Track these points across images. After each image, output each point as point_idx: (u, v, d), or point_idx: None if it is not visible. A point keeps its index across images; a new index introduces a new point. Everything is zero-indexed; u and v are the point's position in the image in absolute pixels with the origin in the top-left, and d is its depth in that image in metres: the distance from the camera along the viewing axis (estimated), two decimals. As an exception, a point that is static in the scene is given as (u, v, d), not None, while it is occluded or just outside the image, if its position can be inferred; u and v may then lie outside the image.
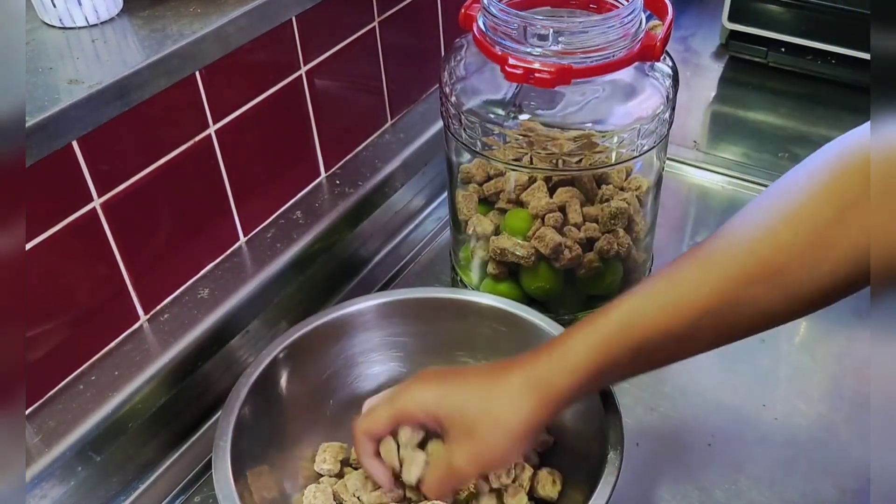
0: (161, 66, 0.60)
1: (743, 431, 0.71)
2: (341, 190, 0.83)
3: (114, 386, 0.64)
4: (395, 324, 0.69)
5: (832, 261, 0.48)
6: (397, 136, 0.90)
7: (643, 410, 0.73)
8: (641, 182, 0.73)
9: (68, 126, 0.56)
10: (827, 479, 0.67)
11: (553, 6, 0.71)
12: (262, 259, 0.75)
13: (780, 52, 1.11)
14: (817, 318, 0.80)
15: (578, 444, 0.63)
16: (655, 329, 0.52)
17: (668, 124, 0.70)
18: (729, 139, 1.05)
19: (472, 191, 0.75)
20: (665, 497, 0.67)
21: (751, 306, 0.50)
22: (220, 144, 0.69)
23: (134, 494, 0.67)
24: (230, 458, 0.56)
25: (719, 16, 1.13)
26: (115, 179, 0.62)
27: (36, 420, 0.61)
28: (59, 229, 0.59)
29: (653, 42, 0.65)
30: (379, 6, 0.82)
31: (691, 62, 1.18)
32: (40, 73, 0.57)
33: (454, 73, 0.70)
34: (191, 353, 0.68)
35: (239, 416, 0.59)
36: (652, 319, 0.52)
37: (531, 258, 0.71)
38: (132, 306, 0.67)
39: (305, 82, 0.76)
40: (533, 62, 0.62)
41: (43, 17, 0.62)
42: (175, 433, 0.70)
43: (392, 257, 0.90)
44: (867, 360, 0.76)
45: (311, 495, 0.62)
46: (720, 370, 0.76)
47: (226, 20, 0.64)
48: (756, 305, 0.50)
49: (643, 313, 0.52)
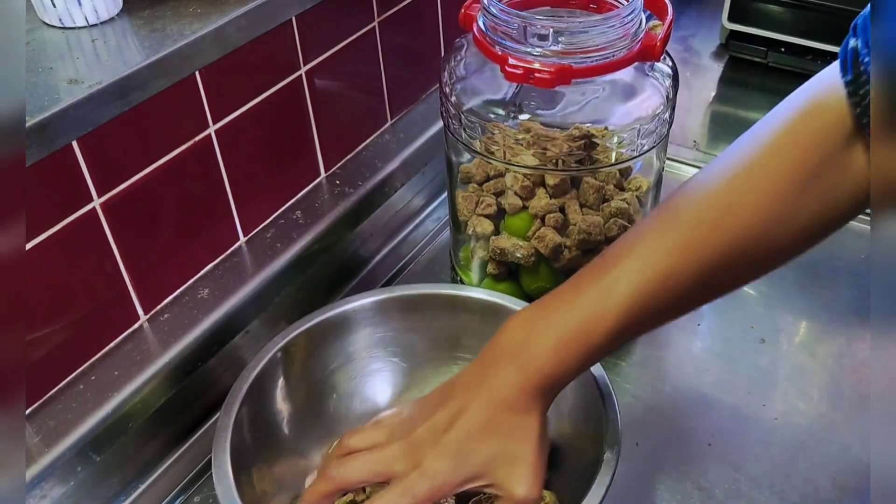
0: (161, 66, 0.60)
1: (743, 431, 0.71)
2: (341, 190, 0.83)
3: (114, 386, 0.64)
4: (396, 320, 0.69)
5: (792, 232, 0.50)
6: (397, 136, 0.90)
7: (643, 410, 0.73)
8: (641, 182, 0.73)
9: (68, 126, 0.56)
10: (827, 479, 0.67)
11: (553, 6, 0.71)
12: (262, 259, 0.75)
13: (780, 52, 1.11)
14: (817, 319, 0.81)
15: (575, 444, 0.63)
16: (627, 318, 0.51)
17: (667, 124, 0.70)
18: (729, 139, 1.04)
19: (472, 191, 0.75)
20: (665, 497, 0.67)
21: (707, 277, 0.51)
22: (220, 144, 0.69)
23: (134, 494, 0.67)
24: (230, 455, 0.56)
25: (719, 16, 1.13)
26: (115, 179, 0.62)
27: (36, 420, 0.61)
28: (59, 229, 0.59)
29: (653, 42, 0.65)
30: (379, 6, 0.82)
31: (691, 62, 1.18)
32: (40, 73, 0.57)
33: (454, 73, 0.70)
34: (191, 353, 0.68)
35: (239, 413, 0.59)
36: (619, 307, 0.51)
37: (531, 258, 0.71)
38: (132, 306, 0.67)
39: (305, 82, 0.76)
40: (533, 62, 0.62)
41: (43, 17, 0.62)
42: (175, 433, 0.70)
43: (392, 257, 0.90)
44: (867, 360, 0.76)
45: None
46: (720, 370, 0.76)
47: (226, 20, 0.64)
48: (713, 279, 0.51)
49: (605, 307, 0.51)
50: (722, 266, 0.51)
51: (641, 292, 0.51)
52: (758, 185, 0.50)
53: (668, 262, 0.51)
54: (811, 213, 0.50)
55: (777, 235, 0.50)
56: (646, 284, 0.51)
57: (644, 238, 0.53)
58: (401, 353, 0.70)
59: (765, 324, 0.81)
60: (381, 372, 0.70)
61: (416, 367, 0.70)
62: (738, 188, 0.50)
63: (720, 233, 0.50)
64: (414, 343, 0.70)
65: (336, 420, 0.67)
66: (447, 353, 0.70)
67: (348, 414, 0.68)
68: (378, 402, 0.70)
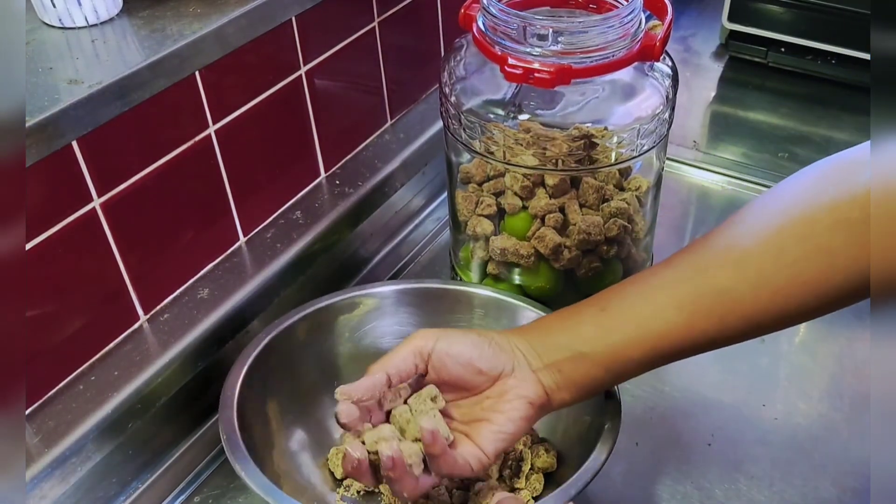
0: (161, 66, 0.60)
1: (743, 431, 0.71)
2: (341, 190, 0.83)
3: (114, 386, 0.64)
4: (405, 311, 0.70)
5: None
6: (397, 136, 0.90)
7: (643, 410, 0.73)
8: (641, 182, 0.73)
9: (68, 126, 0.56)
10: (827, 479, 0.67)
11: (553, 6, 0.71)
12: (262, 259, 0.75)
13: (780, 52, 1.11)
14: (817, 319, 0.81)
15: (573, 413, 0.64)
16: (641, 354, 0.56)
17: (667, 124, 0.70)
18: (729, 139, 1.05)
19: (472, 191, 0.75)
20: (665, 497, 0.67)
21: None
22: (220, 144, 0.69)
23: (134, 494, 0.67)
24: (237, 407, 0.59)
25: (719, 16, 1.13)
26: (115, 179, 0.62)
27: (36, 420, 0.61)
28: (59, 229, 0.59)
29: (652, 42, 0.65)
30: (379, 6, 0.82)
31: (691, 62, 1.18)
32: (40, 73, 0.57)
33: (454, 73, 0.70)
34: (191, 353, 0.68)
35: (243, 384, 0.61)
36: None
37: (531, 258, 0.71)
38: (132, 306, 0.67)
39: (305, 82, 0.76)
40: (532, 62, 0.62)
41: (43, 17, 0.62)
42: (175, 433, 0.70)
43: (392, 257, 0.90)
44: (867, 360, 0.76)
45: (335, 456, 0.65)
46: (720, 370, 0.76)
47: (226, 20, 0.64)
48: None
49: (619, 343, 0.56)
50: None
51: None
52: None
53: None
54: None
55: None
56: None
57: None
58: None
59: (765, 324, 0.80)
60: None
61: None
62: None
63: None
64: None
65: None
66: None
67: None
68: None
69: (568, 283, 0.73)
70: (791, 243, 0.52)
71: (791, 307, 0.53)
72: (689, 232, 0.93)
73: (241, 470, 0.55)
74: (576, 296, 0.74)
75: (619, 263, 0.74)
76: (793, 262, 0.52)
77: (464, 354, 0.56)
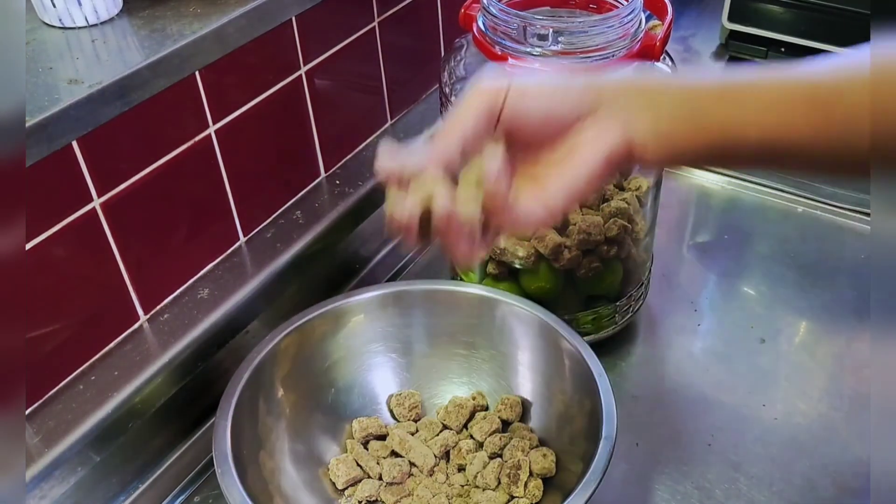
0: (161, 66, 0.60)
1: (743, 431, 0.71)
2: (341, 190, 0.83)
3: (114, 386, 0.64)
4: (396, 315, 0.70)
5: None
6: (397, 136, 0.90)
7: (643, 410, 0.73)
8: (641, 182, 0.73)
9: (68, 126, 0.56)
10: (827, 479, 0.67)
11: (553, 6, 0.71)
12: (262, 259, 0.75)
13: (780, 52, 1.11)
14: (817, 319, 0.81)
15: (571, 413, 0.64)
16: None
17: (667, 124, 0.70)
18: (729, 139, 1.05)
19: (472, 191, 0.74)
20: (665, 497, 0.67)
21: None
22: (220, 144, 0.69)
23: (134, 494, 0.67)
24: (230, 443, 0.57)
25: (719, 16, 1.13)
26: (115, 179, 0.62)
27: (36, 420, 0.61)
28: (59, 229, 0.59)
29: (652, 42, 0.65)
30: (379, 6, 0.82)
31: (691, 62, 1.18)
32: (40, 73, 0.57)
33: (454, 73, 0.70)
34: (191, 353, 0.68)
35: (239, 401, 0.60)
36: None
37: (531, 258, 0.71)
38: (132, 306, 0.67)
39: (305, 82, 0.76)
40: (533, 62, 0.62)
41: (43, 17, 0.62)
42: (175, 433, 0.70)
43: (392, 257, 0.90)
44: (867, 360, 0.76)
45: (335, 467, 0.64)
46: (720, 370, 0.76)
47: (226, 20, 0.64)
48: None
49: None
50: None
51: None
52: None
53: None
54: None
55: None
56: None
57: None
58: (400, 348, 0.71)
59: (765, 324, 0.81)
60: (380, 366, 0.71)
61: (416, 363, 0.71)
62: None
63: None
64: (414, 337, 0.71)
65: (335, 413, 0.68)
66: (445, 349, 0.71)
67: (346, 408, 0.69)
68: (377, 396, 0.70)
69: (568, 283, 0.73)
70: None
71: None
72: (689, 232, 0.93)
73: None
74: (576, 296, 0.75)
75: (620, 264, 0.74)
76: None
77: (541, 109, 0.47)
